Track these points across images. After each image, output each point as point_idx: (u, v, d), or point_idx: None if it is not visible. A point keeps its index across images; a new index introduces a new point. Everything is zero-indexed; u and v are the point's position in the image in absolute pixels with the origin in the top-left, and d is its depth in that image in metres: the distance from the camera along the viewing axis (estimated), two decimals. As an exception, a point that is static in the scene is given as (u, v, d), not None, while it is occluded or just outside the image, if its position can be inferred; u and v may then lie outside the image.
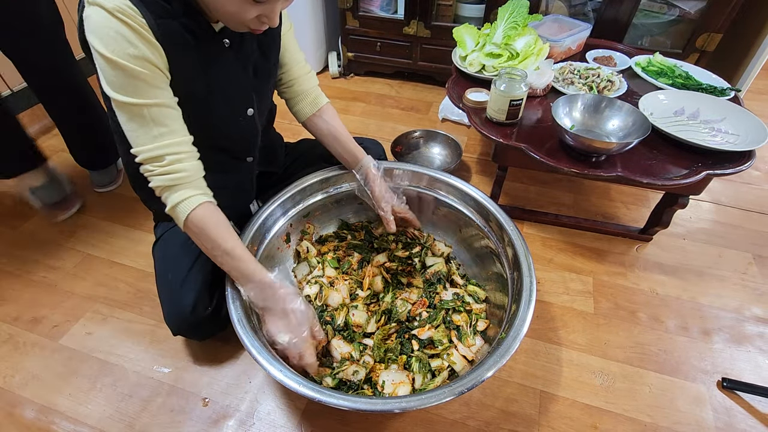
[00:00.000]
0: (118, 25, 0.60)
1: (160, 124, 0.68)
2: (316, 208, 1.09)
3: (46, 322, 1.07)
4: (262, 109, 0.91)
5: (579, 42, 1.45)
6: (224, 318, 0.78)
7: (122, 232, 1.32)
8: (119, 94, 0.64)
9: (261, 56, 0.83)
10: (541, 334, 1.05)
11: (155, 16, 0.63)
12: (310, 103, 0.96)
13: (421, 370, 0.84)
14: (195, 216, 0.71)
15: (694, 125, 1.11)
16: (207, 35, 0.71)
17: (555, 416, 0.91)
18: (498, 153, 1.16)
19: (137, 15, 0.61)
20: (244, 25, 0.66)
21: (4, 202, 1.42)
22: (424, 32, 1.85)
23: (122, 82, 0.64)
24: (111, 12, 0.59)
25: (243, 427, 0.89)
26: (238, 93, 0.82)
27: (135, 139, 0.68)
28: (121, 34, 0.61)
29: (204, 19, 0.70)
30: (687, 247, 1.29)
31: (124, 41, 0.61)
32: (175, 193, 0.71)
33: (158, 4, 0.63)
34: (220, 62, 0.75)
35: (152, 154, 0.68)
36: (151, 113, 0.67)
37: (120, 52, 0.62)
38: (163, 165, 0.69)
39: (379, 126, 1.81)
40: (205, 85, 0.75)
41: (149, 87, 0.65)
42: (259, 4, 0.62)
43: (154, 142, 0.68)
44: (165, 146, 0.69)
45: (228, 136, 0.85)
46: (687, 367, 1.00)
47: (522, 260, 0.85)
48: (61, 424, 0.89)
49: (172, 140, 0.69)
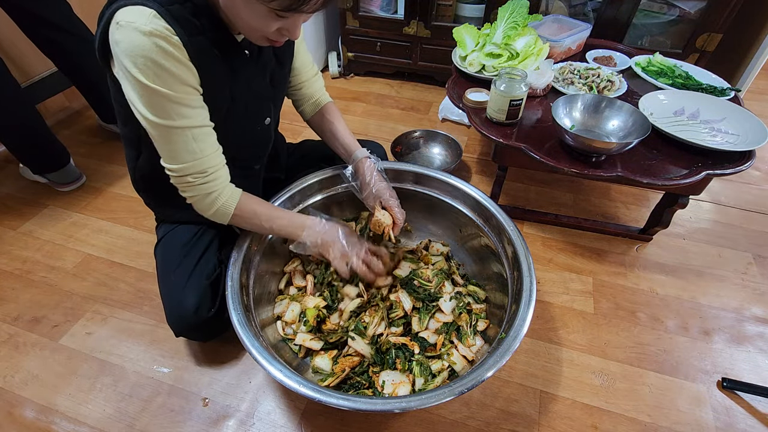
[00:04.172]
0: (155, 50, 0.60)
1: (201, 140, 0.71)
2: (317, 208, 1.09)
3: (46, 322, 1.07)
4: (276, 117, 0.93)
5: (579, 42, 1.45)
6: (227, 319, 0.79)
7: (122, 232, 1.32)
8: (160, 118, 0.66)
9: (277, 64, 0.84)
10: (541, 334, 1.05)
11: (188, 33, 0.63)
12: (314, 103, 0.99)
13: (422, 373, 0.84)
14: (239, 208, 0.80)
15: (694, 125, 1.11)
16: (231, 47, 0.72)
17: (555, 416, 0.91)
18: (498, 153, 1.16)
19: (172, 35, 0.61)
20: (265, 38, 0.66)
21: (5, 202, 1.42)
22: (424, 32, 1.85)
23: (163, 106, 0.65)
24: (148, 36, 0.59)
25: (243, 427, 0.89)
26: (258, 103, 0.84)
27: (174, 157, 0.70)
28: (159, 63, 0.61)
29: (228, 32, 0.71)
30: (687, 247, 1.29)
31: (163, 70, 0.62)
32: (216, 198, 0.77)
33: (189, 21, 0.63)
34: (243, 73, 0.76)
35: (194, 169, 0.72)
36: (193, 133, 0.69)
37: (159, 81, 0.62)
38: (203, 176, 0.73)
39: (379, 126, 1.81)
40: (229, 96, 0.76)
41: (187, 108, 0.67)
42: (282, 19, 0.62)
43: (195, 158, 0.71)
44: (205, 161, 0.72)
45: (242, 146, 0.86)
46: (687, 367, 1.00)
47: (522, 260, 0.85)
48: (61, 424, 0.89)
49: (210, 154, 0.73)
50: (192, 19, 0.64)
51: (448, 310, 0.94)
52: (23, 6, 1.28)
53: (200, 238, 0.94)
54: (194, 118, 0.68)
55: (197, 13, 0.64)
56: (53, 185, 1.45)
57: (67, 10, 1.37)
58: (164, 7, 0.60)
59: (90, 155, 1.61)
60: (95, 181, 1.51)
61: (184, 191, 0.75)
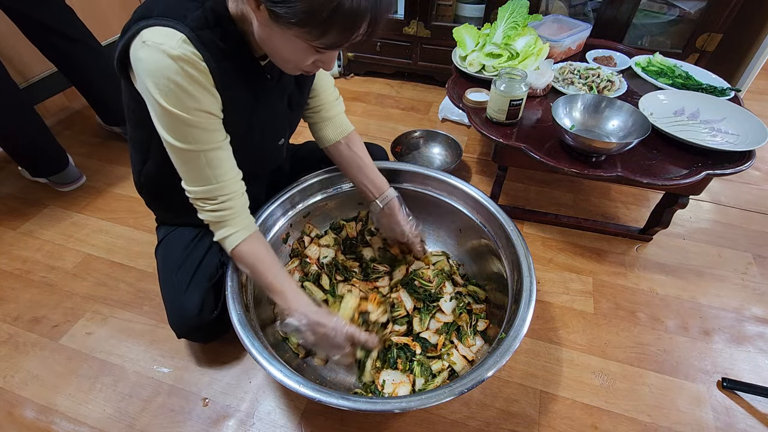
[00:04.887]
0: (180, 75, 0.59)
1: (215, 166, 0.69)
2: (316, 208, 1.09)
3: (46, 322, 1.07)
4: (290, 137, 0.93)
5: (579, 42, 1.45)
6: (230, 320, 0.78)
7: (122, 232, 1.32)
8: (175, 140, 0.65)
9: (296, 88, 0.84)
10: (541, 334, 1.05)
11: (215, 60, 0.62)
12: (336, 129, 0.95)
13: (422, 373, 0.84)
14: (239, 252, 0.76)
15: (694, 125, 1.11)
16: (254, 71, 0.72)
17: (555, 416, 0.91)
18: (498, 153, 1.16)
19: (200, 61, 0.60)
20: (299, 69, 0.66)
21: (5, 202, 1.42)
22: (424, 32, 1.85)
23: (179, 129, 0.64)
24: (175, 60, 0.58)
25: (243, 427, 0.89)
26: (275, 125, 0.83)
27: (189, 178, 0.70)
28: (182, 87, 0.60)
29: (252, 56, 0.70)
30: (687, 247, 1.29)
31: (184, 94, 0.61)
32: (222, 229, 0.74)
33: (217, 46, 0.63)
34: (263, 98, 0.76)
35: (206, 195, 0.71)
36: (207, 157, 0.68)
37: (179, 105, 0.62)
38: (214, 203, 0.72)
39: (379, 126, 1.81)
40: (248, 121, 0.76)
41: (205, 133, 0.66)
42: (320, 53, 0.61)
43: (209, 183, 0.70)
44: (218, 188, 0.71)
45: (254, 163, 0.85)
46: (687, 367, 1.00)
47: (522, 260, 0.85)
48: (61, 424, 0.89)
49: (225, 181, 0.71)
50: (220, 44, 0.63)
51: (448, 311, 0.95)
52: (21, 10, 1.28)
53: (202, 239, 0.93)
54: (210, 142, 0.68)
55: (225, 37, 0.64)
56: (53, 185, 1.45)
57: (69, 14, 1.37)
58: (194, 32, 0.60)
59: (90, 155, 1.61)
60: (95, 181, 1.51)
61: (199, 214, 0.75)
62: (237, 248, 0.75)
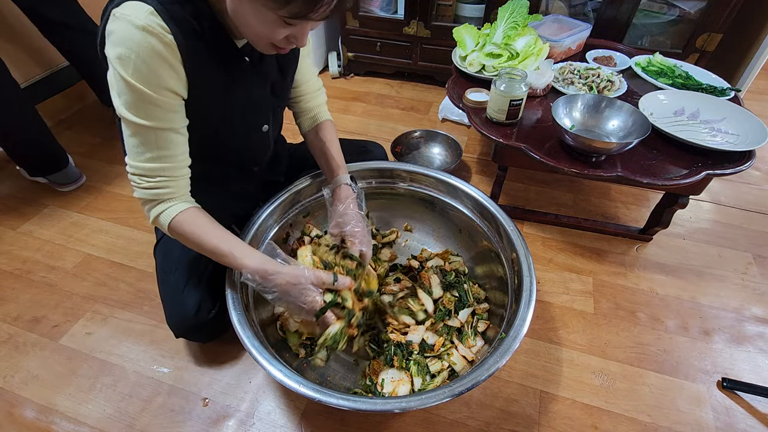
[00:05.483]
0: (144, 46, 0.58)
1: (163, 147, 0.67)
2: (316, 208, 1.09)
3: (46, 322, 1.07)
4: (276, 124, 0.92)
5: (579, 42, 1.45)
6: (228, 320, 0.78)
7: (122, 232, 1.32)
8: (131, 114, 0.63)
9: (279, 73, 0.82)
10: (541, 334, 1.05)
11: (184, 36, 0.61)
12: (311, 119, 0.96)
13: (419, 373, 0.84)
14: (177, 223, 0.71)
15: (694, 125, 1.11)
16: (230, 54, 0.71)
17: (555, 416, 0.91)
18: (498, 153, 1.16)
19: (166, 33, 0.60)
20: (271, 46, 0.65)
21: (5, 202, 1.42)
22: (424, 32, 1.85)
23: (137, 104, 0.63)
24: (140, 30, 0.58)
25: (243, 427, 0.89)
26: (256, 111, 0.82)
27: (134, 153, 0.67)
28: (144, 60, 0.59)
29: (228, 37, 0.69)
30: (687, 247, 1.29)
31: (145, 67, 0.60)
32: (157, 206, 0.70)
33: (188, 24, 0.62)
34: (241, 81, 0.74)
35: (145, 171, 0.68)
36: (157, 136, 0.66)
37: (141, 79, 0.60)
38: (151, 181, 0.68)
39: (379, 126, 1.81)
40: (224, 104, 0.74)
41: (164, 112, 0.65)
42: (289, 26, 0.61)
43: (152, 162, 0.67)
44: (160, 169, 0.68)
45: (239, 151, 0.84)
46: (687, 367, 1.00)
47: (522, 260, 0.85)
48: (61, 424, 0.89)
49: (170, 164, 0.69)
50: (192, 21, 0.62)
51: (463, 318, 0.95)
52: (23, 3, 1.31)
53: None
54: (166, 121, 0.65)
55: (198, 15, 0.63)
56: (53, 185, 1.45)
57: (71, 4, 1.40)
58: (163, 5, 0.59)
59: (90, 155, 1.61)
60: (95, 181, 1.51)
61: (134, 192, 0.71)
62: (174, 220, 0.70)
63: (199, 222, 0.72)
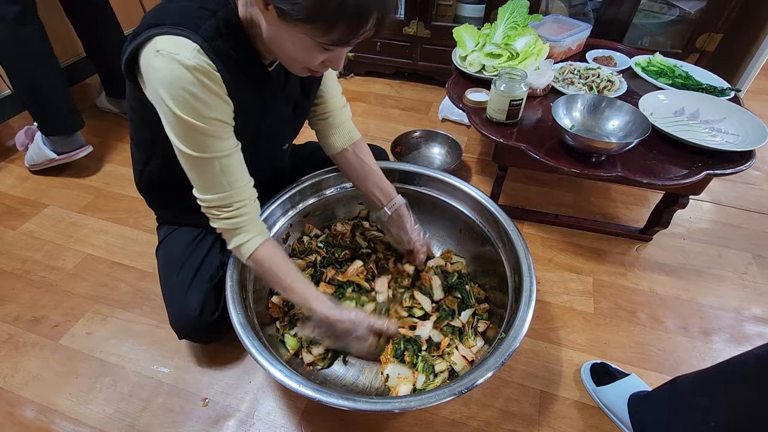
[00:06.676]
0: (195, 85, 0.60)
1: (229, 173, 0.69)
2: (316, 208, 1.09)
3: (46, 322, 1.07)
4: (293, 142, 0.94)
5: (579, 42, 1.45)
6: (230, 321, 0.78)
7: (122, 232, 1.32)
8: (189, 148, 0.65)
9: (302, 94, 0.84)
10: (541, 334, 1.05)
11: (228, 69, 0.63)
12: (343, 137, 0.94)
13: (425, 370, 0.84)
14: (256, 257, 0.75)
15: (694, 125, 1.11)
16: (263, 77, 0.72)
17: (555, 416, 0.91)
18: (498, 153, 1.16)
19: (214, 71, 0.61)
20: (307, 69, 0.66)
21: (5, 201, 1.42)
22: (424, 32, 1.85)
23: (193, 137, 0.64)
24: (190, 70, 0.58)
25: (243, 427, 0.89)
26: (280, 131, 0.84)
27: (202, 186, 0.70)
28: (197, 96, 0.60)
29: (260, 61, 0.70)
30: (687, 247, 1.29)
31: (199, 103, 0.61)
32: (237, 236, 0.74)
33: (229, 55, 0.63)
34: (272, 103, 0.76)
35: (220, 203, 0.71)
36: (221, 164, 0.68)
37: (193, 114, 0.61)
38: (229, 211, 0.72)
39: (379, 126, 1.81)
40: (257, 126, 0.76)
41: (219, 141, 0.66)
42: (327, 51, 0.61)
43: (223, 191, 0.70)
44: (232, 195, 0.71)
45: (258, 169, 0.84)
46: (687, 367, 0.99)
47: (522, 260, 0.85)
48: (61, 424, 0.89)
49: (239, 188, 0.71)
50: (232, 53, 0.63)
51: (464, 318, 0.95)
52: None
53: (203, 239, 0.93)
54: (223, 150, 0.68)
55: (236, 46, 0.64)
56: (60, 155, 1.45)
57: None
58: (208, 42, 0.60)
59: (90, 155, 1.60)
60: (95, 181, 1.51)
61: (212, 222, 0.74)
62: (254, 254, 0.75)
63: (275, 258, 0.77)
